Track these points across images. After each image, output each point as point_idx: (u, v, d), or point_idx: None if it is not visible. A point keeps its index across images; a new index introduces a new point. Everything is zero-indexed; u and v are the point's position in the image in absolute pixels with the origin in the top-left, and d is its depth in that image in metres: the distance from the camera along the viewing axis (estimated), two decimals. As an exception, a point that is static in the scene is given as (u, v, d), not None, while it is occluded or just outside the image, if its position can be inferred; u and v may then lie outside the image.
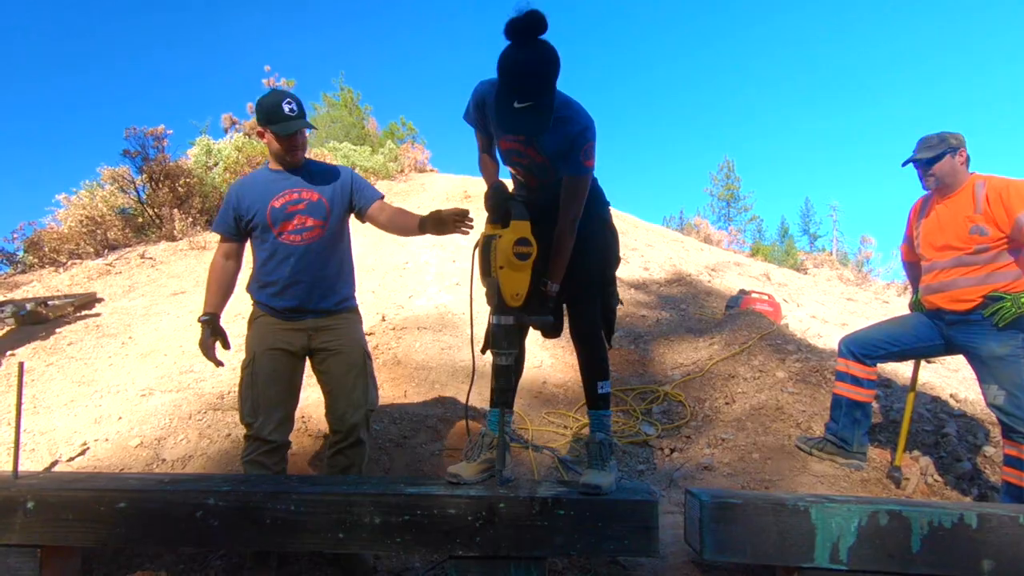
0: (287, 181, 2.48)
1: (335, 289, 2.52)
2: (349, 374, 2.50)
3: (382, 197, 2.62)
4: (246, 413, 2.39)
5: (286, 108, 2.36)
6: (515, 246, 2.00)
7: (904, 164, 2.95)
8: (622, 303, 2.57)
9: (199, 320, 2.47)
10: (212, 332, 2.47)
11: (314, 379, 2.60)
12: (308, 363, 2.57)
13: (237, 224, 2.47)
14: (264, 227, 2.42)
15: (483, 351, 2.38)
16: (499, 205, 2.08)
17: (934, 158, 2.83)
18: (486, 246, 2.05)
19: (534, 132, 2.01)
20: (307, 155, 2.60)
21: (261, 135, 2.46)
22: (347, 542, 1.96)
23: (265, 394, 2.38)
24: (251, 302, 2.55)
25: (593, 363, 2.31)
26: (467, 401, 2.50)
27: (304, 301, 2.44)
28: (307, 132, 2.51)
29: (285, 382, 2.44)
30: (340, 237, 2.56)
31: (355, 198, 2.57)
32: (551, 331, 2.29)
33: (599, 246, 2.29)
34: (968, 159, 2.86)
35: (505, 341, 2.07)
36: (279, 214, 2.42)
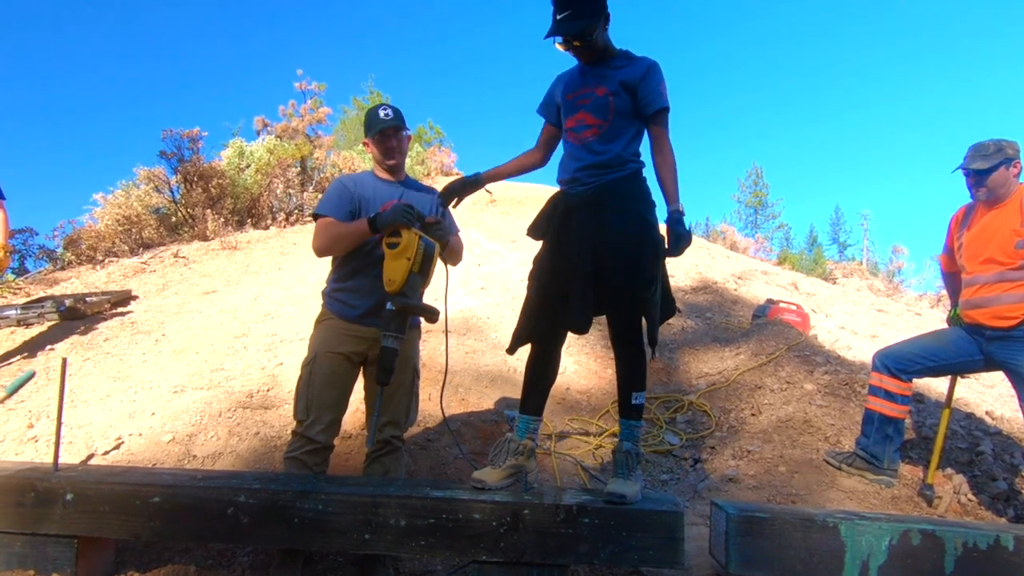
0: (394, 191, 2.59)
1: None
2: (397, 392, 2.54)
3: (459, 230, 2.77)
4: (299, 410, 2.44)
5: (381, 114, 2.53)
6: (386, 237, 2.30)
7: (955, 171, 2.85)
8: (680, 311, 2.55)
9: (369, 218, 2.37)
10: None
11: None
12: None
13: (353, 217, 2.49)
14: None
15: (509, 351, 2.38)
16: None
17: (990, 169, 2.72)
18: None
19: (571, 32, 2.17)
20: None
21: (367, 146, 2.62)
22: (373, 543, 1.98)
23: (320, 395, 2.43)
24: (321, 303, 2.61)
25: (630, 372, 2.25)
26: (441, 403, 2.53)
27: (379, 307, 2.44)
28: (405, 136, 2.63)
29: (340, 387, 2.49)
30: None
31: None
32: (431, 318, 2.35)
33: (630, 245, 2.17)
34: (1022, 170, 2.77)
35: (393, 325, 2.27)
36: None
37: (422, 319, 2.55)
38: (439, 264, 2.45)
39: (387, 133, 2.53)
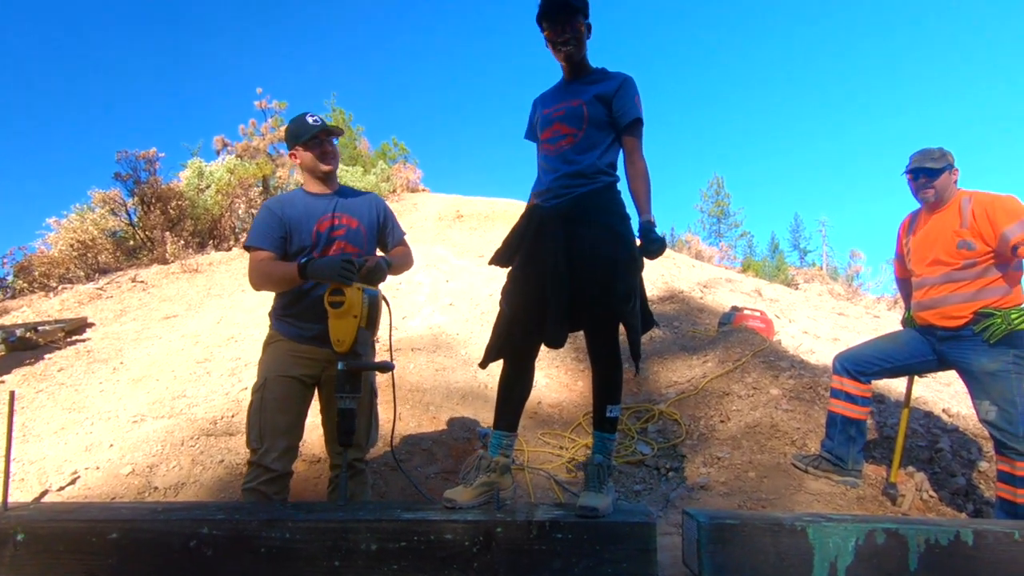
0: (327, 204, 2.46)
1: None
2: (357, 414, 2.47)
3: (404, 235, 2.71)
4: (252, 439, 2.33)
5: (310, 120, 2.43)
6: (328, 296, 2.18)
7: (908, 171, 2.97)
8: (658, 325, 2.54)
9: (300, 264, 2.26)
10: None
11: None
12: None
13: (284, 242, 2.39)
14: (306, 251, 2.39)
15: (482, 365, 2.36)
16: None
17: (940, 170, 2.88)
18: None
19: (560, 4, 2.23)
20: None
21: (294, 157, 2.49)
22: (343, 570, 1.93)
23: (273, 421, 2.32)
24: (268, 325, 2.50)
25: (606, 386, 2.28)
26: (393, 428, 2.48)
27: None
28: (335, 142, 2.52)
29: (294, 412, 2.39)
30: None
31: (387, 233, 2.62)
32: (385, 371, 2.29)
33: (604, 260, 2.17)
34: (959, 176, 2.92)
35: (348, 385, 2.18)
36: (323, 239, 2.41)
37: (376, 335, 2.50)
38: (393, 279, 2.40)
39: (321, 137, 2.43)
